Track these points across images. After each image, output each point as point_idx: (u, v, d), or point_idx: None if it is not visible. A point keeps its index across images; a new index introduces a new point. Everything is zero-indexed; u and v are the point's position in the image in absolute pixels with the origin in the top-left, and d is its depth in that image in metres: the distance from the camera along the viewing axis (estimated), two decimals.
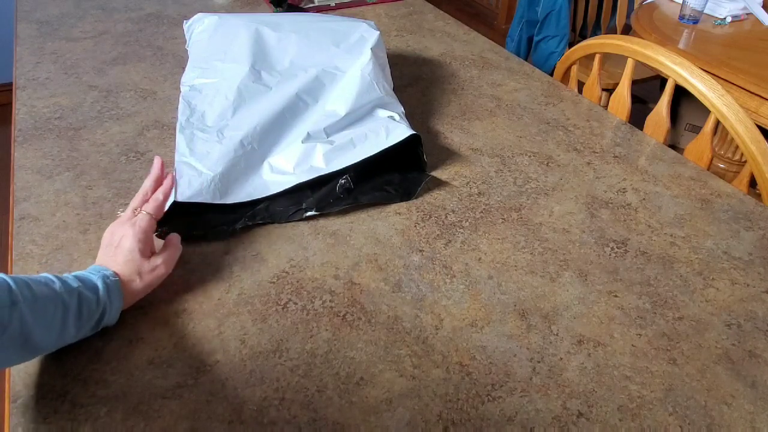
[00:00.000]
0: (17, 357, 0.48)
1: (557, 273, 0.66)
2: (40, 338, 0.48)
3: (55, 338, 0.50)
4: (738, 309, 0.62)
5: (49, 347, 0.51)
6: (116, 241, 0.58)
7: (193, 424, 0.49)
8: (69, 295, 0.50)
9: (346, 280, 0.64)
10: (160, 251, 0.60)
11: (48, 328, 0.48)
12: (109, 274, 0.55)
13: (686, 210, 0.76)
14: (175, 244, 0.62)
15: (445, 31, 1.28)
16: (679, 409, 0.52)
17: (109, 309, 0.53)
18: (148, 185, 0.64)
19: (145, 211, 0.60)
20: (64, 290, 0.50)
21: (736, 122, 0.86)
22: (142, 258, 0.57)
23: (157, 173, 0.66)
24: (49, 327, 0.48)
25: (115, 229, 0.59)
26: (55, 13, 1.27)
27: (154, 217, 0.61)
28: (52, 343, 0.51)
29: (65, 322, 0.49)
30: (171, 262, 0.60)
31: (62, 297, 0.49)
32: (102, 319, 0.53)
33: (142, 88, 0.99)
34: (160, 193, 0.63)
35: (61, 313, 0.49)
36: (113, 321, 0.56)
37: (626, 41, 1.03)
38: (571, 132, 0.92)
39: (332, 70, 0.85)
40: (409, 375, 0.54)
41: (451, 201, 0.76)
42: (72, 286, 0.51)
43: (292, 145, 0.76)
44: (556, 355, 0.56)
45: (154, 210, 0.61)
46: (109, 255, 0.57)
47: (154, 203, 0.62)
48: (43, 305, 0.47)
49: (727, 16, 1.63)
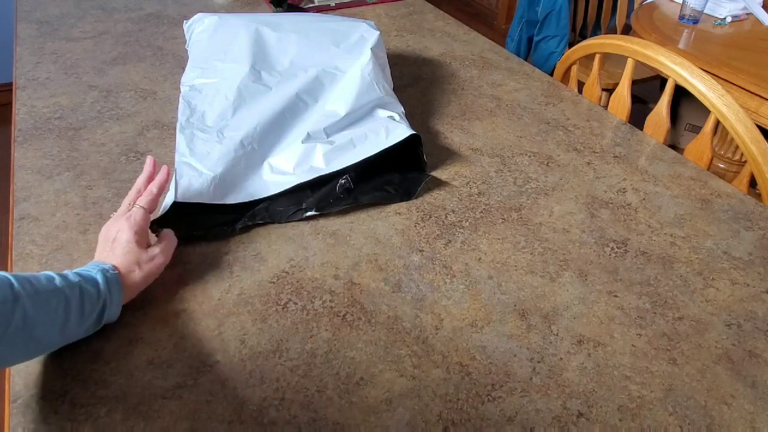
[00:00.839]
0: (21, 353, 0.48)
1: (557, 273, 0.66)
2: (43, 332, 0.48)
3: (58, 332, 0.50)
4: (738, 309, 0.62)
5: (53, 343, 0.51)
6: (112, 236, 0.58)
7: (193, 424, 0.49)
8: (70, 289, 0.50)
9: (346, 280, 0.64)
10: (156, 242, 0.61)
11: (51, 322, 0.48)
12: (108, 268, 0.55)
13: (686, 210, 0.76)
14: (170, 236, 0.63)
15: (445, 31, 1.28)
16: (679, 409, 0.52)
17: (109, 302, 0.54)
18: (141, 181, 0.64)
19: (138, 205, 0.61)
20: (65, 284, 0.50)
21: (736, 122, 0.86)
22: (140, 249, 0.58)
23: (150, 170, 0.66)
24: (51, 321, 0.48)
25: (111, 225, 0.60)
26: (55, 13, 1.27)
27: (148, 210, 0.61)
28: (56, 338, 0.51)
29: (67, 315, 0.50)
30: (169, 251, 0.61)
31: (63, 291, 0.49)
32: (103, 312, 0.53)
33: (142, 88, 0.99)
34: (154, 186, 0.63)
35: (63, 306, 0.49)
36: (115, 316, 0.56)
37: (626, 41, 1.03)
38: (571, 132, 0.92)
39: (332, 70, 0.85)
40: (409, 375, 0.54)
41: (451, 201, 0.76)
42: (72, 281, 0.51)
43: (292, 145, 0.76)
44: (556, 355, 0.56)
45: (148, 203, 0.61)
46: (107, 250, 0.58)
47: (148, 196, 0.62)
48: (45, 299, 0.48)
49: (727, 16, 1.63)
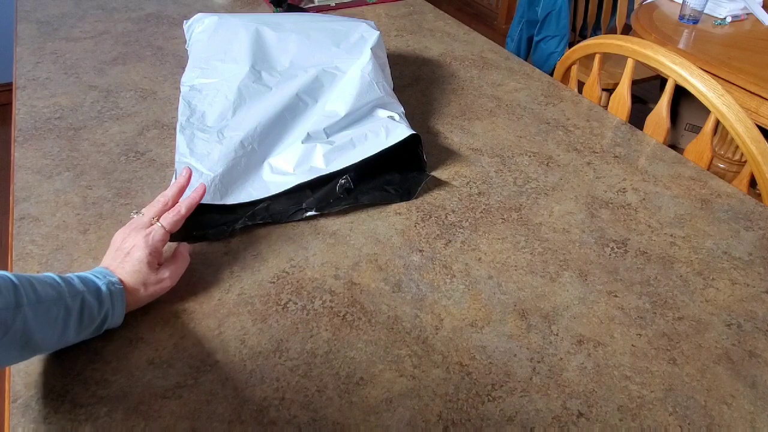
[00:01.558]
0: (17, 357, 0.48)
1: (557, 273, 0.66)
2: (41, 340, 0.48)
3: (55, 340, 0.50)
4: (738, 309, 0.62)
5: (49, 348, 0.52)
6: (127, 248, 0.57)
7: (193, 424, 0.49)
8: (72, 298, 0.50)
9: (346, 280, 0.64)
10: (168, 262, 0.59)
11: (50, 330, 0.48)
12: (115, 281, 0.54)
13: (686, 210, 0.76)
14: (184, 257, 0.61)
15: (445, 31, 1.28)
16: (679, 409, 0.52)
17: (111, 315, 0.54)
18: (171, 194, 0.62)
19: (161, 224, 0.59)
20: (68, 293, 0.50)
21: (736, 122, 0.86)
22: (150, 270, 0.57)
23: (183, 183, 0.63)
24: (51, 329, 0.48)
25: (129, 234, 0.58)
26: (55, 13, 1.27)
27: (168, 231, 0.60)
28: (53, 345, 0.51)
29: (66, 325, 0.49)
30: (177, 275, 0.60)
31: (65, 300, 0.49)
32: (104, 323, 0.54)
33: (142, 88, 0.99)
34: (183, 207, 0.61)
35: (63, 316, 0.49)
36: (116, 325, 0.56)
37: (626, 41, 1.03)
38: (571, 132, 0.92)
39: (332, 70, 0.85)
40: (409, 375, 0.54)
41: (451, 201, 0.76)
42: (76, 290, 0.51)
43: (292, 145, 0.76)
44: (556, 355, 0.56)
45: (171, 225, 0.60)
46: (117, 260, 0.57)
47: (175, 217, 0.60)
48: (47, 308, 0.47)
49: (727, 16, 1.63)
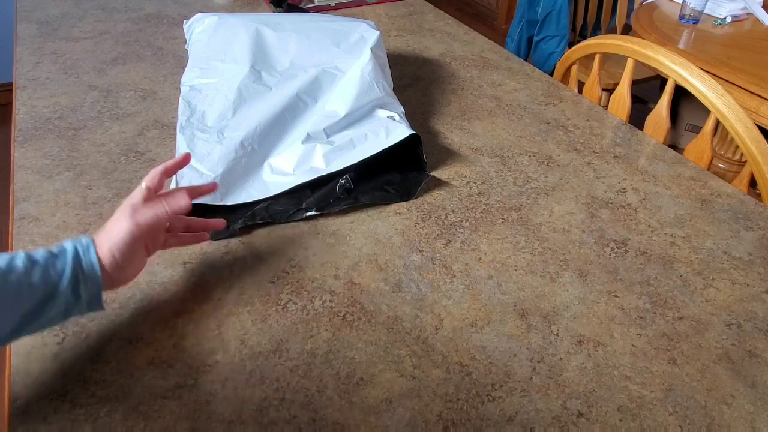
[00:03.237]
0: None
1: (557, 273, 0.66)
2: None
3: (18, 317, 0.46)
4: (738, 309, 0.62)
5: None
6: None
7: (193, 424, 0.49)
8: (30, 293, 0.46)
9: (346, 280, 0.64)
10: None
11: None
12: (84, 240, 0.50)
13: (686, 210, 0.76)
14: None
15: (445, 31, 1.28)
16: (679, 409, 0.52)
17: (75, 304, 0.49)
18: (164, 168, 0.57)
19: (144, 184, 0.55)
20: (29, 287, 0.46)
21: (736, 122, 0.86)
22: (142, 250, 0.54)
23: (180, 161, 0.59)
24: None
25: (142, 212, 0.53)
26: (55, 13, 1.27)
27: (148, 189, 0.55)
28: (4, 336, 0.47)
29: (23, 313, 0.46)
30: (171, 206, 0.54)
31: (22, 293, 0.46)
32: (69, 313, 0.49)
33: (142, 88, 0.99)
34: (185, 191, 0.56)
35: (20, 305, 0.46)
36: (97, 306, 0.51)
37: (626, 41, 1.03)
38: (571, 132, 0.92)
39: (332, 70, 0.85)
40: (409, 375, 0.54)
41: (451, 201, 0.76)
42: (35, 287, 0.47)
43: (292, 145, 0.76)
44: (556, 355, 0.56)
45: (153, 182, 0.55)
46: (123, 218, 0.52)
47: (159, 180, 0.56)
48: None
49: (727, 16, 1.63)
